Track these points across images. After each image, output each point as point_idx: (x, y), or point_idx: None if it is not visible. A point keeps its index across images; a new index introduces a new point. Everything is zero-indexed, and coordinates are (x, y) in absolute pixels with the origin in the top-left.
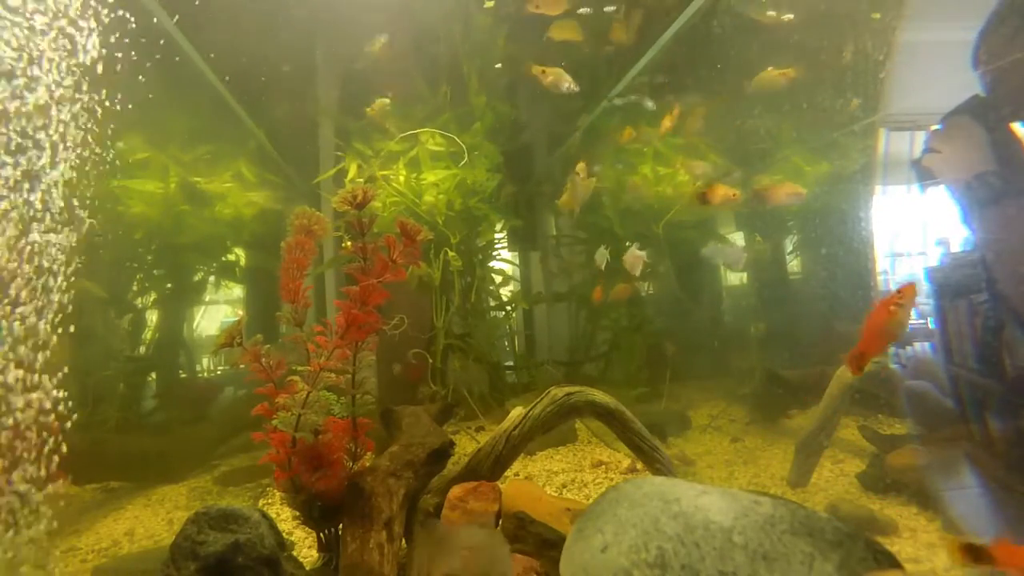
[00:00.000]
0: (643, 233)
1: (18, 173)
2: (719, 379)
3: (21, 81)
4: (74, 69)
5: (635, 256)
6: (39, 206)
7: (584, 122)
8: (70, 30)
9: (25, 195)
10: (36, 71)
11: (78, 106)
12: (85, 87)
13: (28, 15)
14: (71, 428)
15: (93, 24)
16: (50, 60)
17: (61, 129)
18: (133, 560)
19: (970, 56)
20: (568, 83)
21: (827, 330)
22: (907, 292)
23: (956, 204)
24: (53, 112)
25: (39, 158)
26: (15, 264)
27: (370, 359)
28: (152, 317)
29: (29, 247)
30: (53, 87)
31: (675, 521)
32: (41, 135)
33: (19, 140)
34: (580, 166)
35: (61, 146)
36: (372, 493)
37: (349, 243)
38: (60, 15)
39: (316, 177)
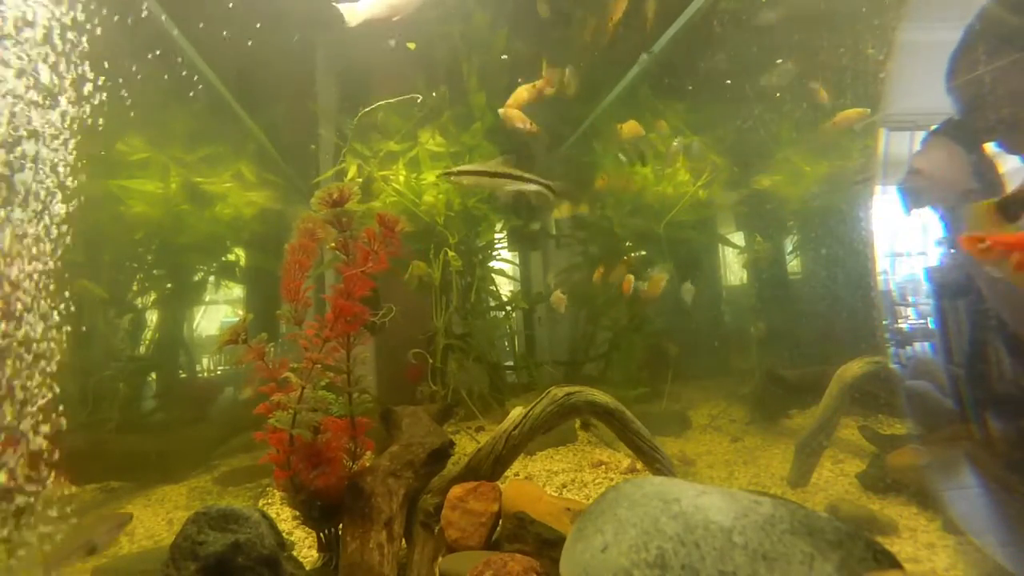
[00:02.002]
0: (643, 233)
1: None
2: (719, 379)
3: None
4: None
5: (559, 298)
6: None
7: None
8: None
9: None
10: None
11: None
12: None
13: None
14: (72, 428)
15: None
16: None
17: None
18: (133, 560)
19: (944, 78)
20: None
21: (827, 330)
22: None
23: (943, 225)
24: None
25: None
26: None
27: (364, 355)
28: (152, 317)
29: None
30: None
31: (675, 521)
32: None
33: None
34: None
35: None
36: (372, 493)
37: (333, 243)
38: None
39: (316, 177)
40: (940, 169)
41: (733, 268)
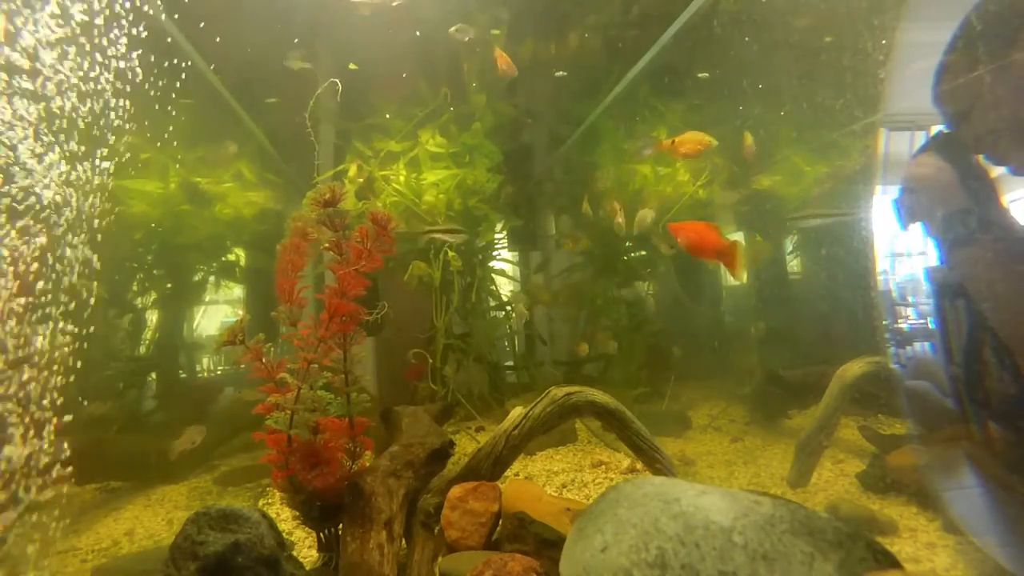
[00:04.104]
0: (643, 233)
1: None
2: (719, 379)
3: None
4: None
5: (520, 311)
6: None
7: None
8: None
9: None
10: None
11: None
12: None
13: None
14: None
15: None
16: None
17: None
18: (133, 560)
19: (931, 88)
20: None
21: (827, 330)
22: None
23: (933, 242)
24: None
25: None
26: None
27: (362, 355)
28: (152, 317)
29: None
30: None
31: (675, 521)
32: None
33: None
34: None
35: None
36: (372, 493)
37: (326, 243)
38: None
39: (315, 177)
40: (928, 187)
41: None
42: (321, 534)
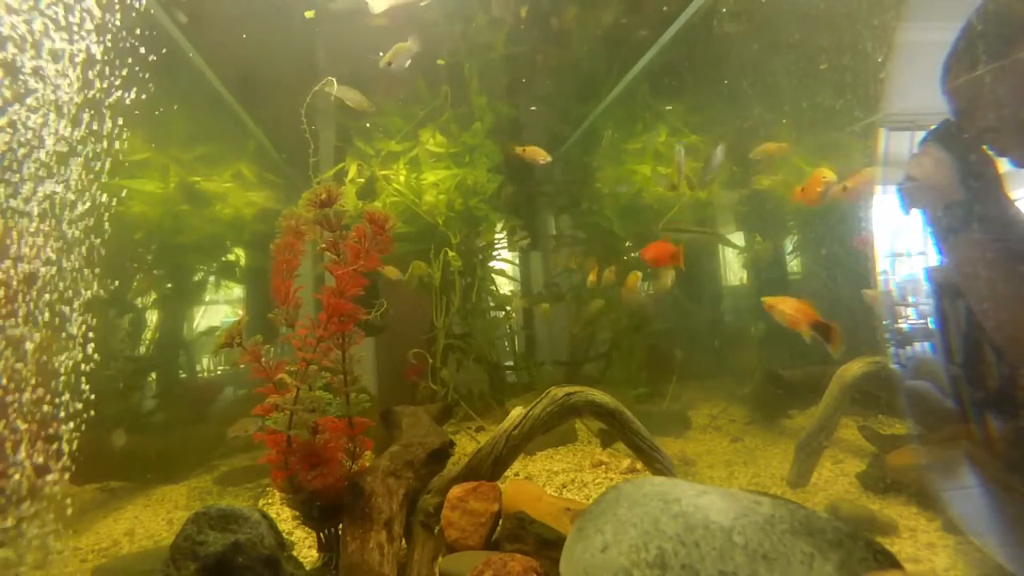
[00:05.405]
0: (642, 233)
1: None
2: (719, 379)
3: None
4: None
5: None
6: None
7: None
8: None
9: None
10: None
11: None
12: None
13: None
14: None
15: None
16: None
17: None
18: (133, 560)
19: (939, 80)
20: (543, 158)
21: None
22: None
23: (930, 232)
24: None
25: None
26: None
27: (362, 355)
28: (152, 317)
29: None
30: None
31: (675, 521)
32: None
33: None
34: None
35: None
36: (372, 493)
37: (323, 244)
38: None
39: (315, 177)
40: (928, 178)
41: (733, 268)
42: (321, 534)
